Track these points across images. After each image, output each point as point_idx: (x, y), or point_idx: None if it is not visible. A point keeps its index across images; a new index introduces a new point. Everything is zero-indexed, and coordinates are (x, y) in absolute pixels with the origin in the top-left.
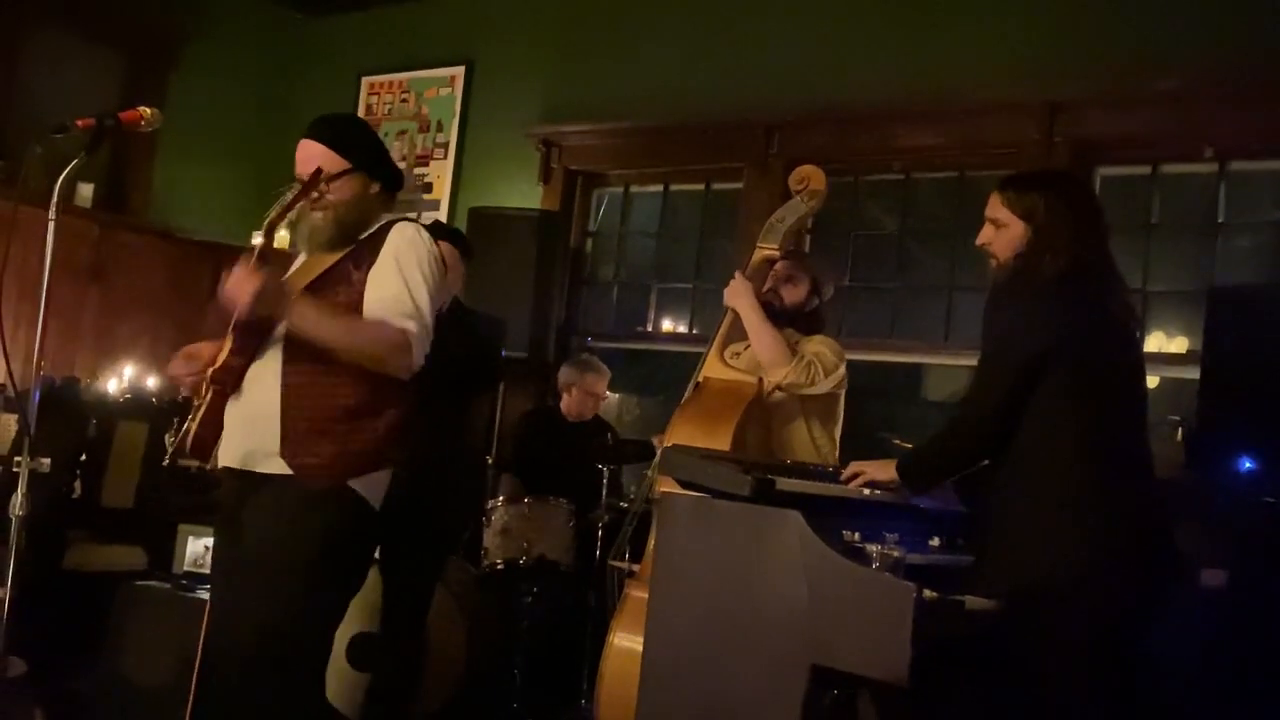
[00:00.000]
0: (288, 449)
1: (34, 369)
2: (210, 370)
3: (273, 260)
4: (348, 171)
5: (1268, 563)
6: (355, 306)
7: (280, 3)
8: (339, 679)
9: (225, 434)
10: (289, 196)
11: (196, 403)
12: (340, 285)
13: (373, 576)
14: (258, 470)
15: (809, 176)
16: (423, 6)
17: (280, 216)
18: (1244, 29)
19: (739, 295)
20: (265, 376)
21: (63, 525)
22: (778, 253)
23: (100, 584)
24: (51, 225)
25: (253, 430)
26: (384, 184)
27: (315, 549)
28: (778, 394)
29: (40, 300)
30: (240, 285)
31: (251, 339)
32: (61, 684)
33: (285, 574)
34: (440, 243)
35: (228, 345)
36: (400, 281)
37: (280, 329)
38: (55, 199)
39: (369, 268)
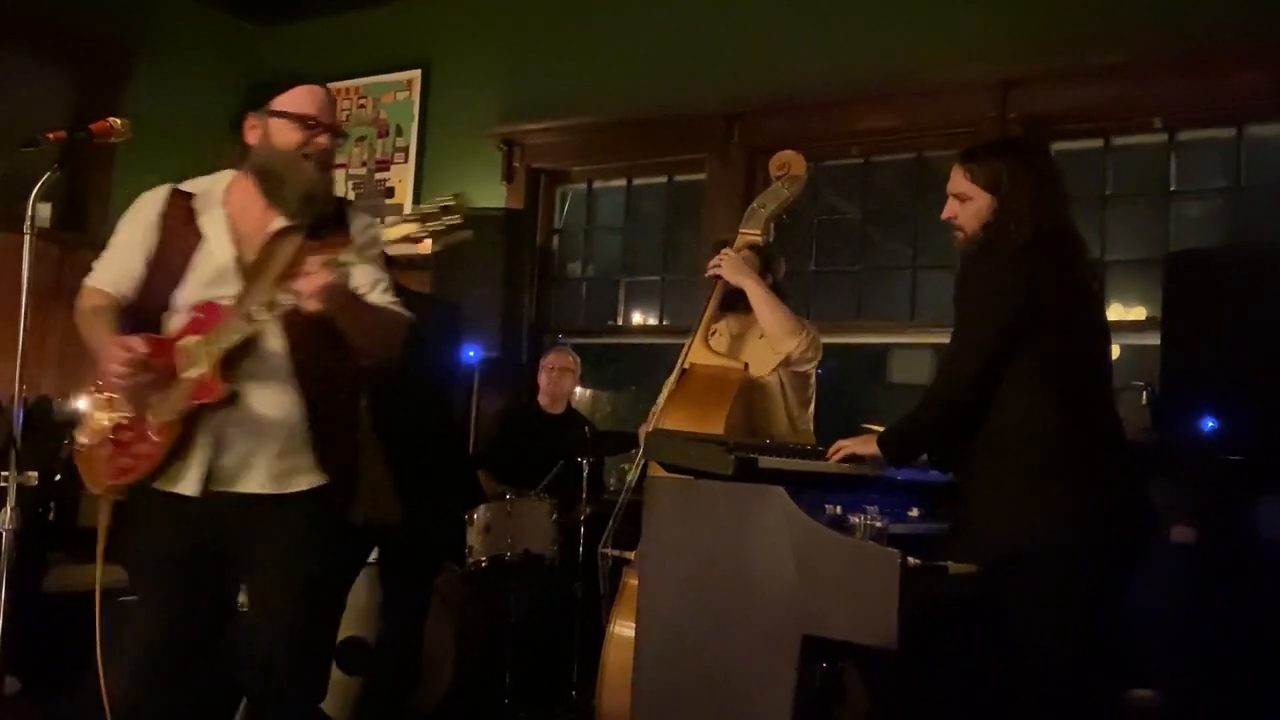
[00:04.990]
0: (325, 459)
1: (16, 386)
2: (195, 393)
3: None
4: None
5: (1232, 517)
6: None
7: (233, 13)
8: (331, 685)
9: (218, 458)
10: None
11: (112, 418)
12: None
13: (363, 580)
14: (282, 492)
15: (789, 162)
16: (377, 12)
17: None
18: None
19: (740, 270)
20: (269, 389)
21: (41, 547)
22: (760, 238)
23: (83, 603)
24: (28, 241)
25: (271, 449)
26: None
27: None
28: (778, 373)
29: (8, 322)
30: (316, 280)
31: (241, 357)
32: (53, 704)
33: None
34: None
35: (211, 367)
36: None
37: (277, 345)
38: (31, 214)
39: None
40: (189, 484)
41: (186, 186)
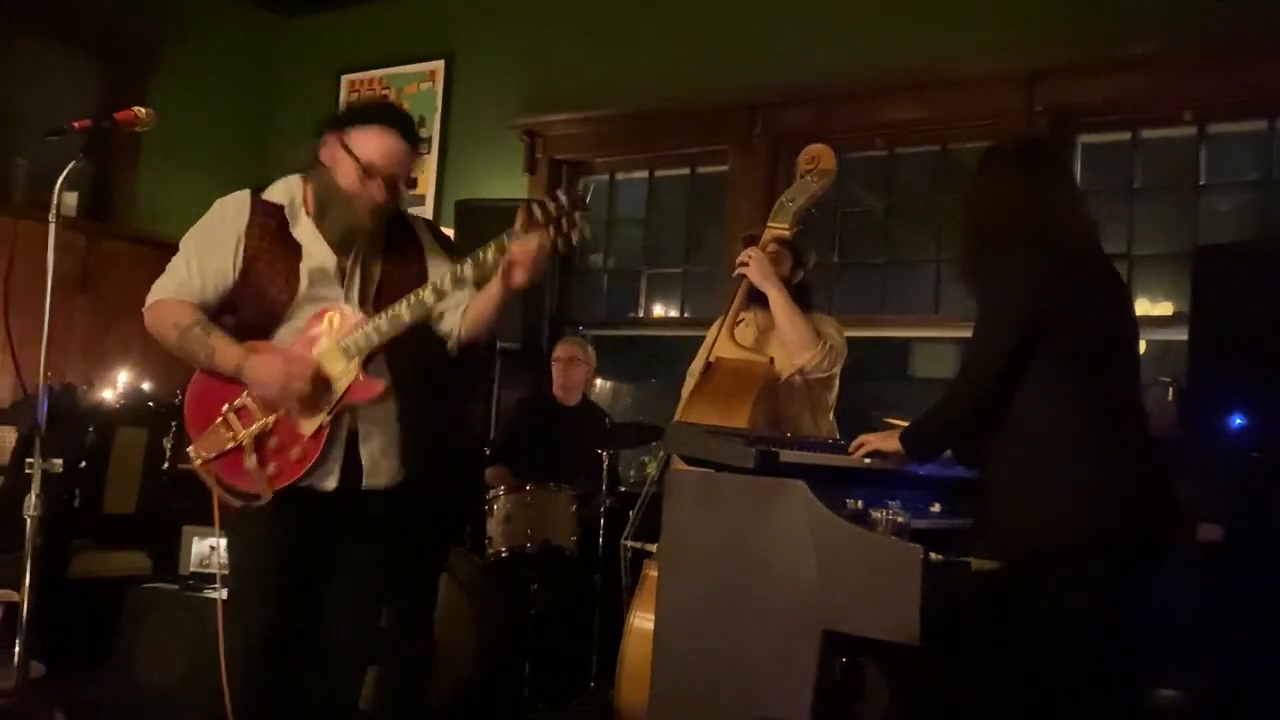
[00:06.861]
0: (408, 455)
1: (41, 374)
2: (352, 393)
3: None
4: None
5: (1261, 516)
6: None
7: (257, 4)
8: None
9: (355, 453)
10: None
11: (250, 430)
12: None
13: None
14: (376, 486)
15: (819, 156)
16: (400, 2)
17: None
18: None
19: (767, 276)
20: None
21: (66, 534)
22: (788, 232)
23: (107, 590)
24: (54, 229)
25: (380, 446)
26: None
27: None
28: (796, 377)
29: (36, 309)
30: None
31: (373, 357)
32: (77, 690)
33: None
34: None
35: (359, 367)
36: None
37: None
38: (56, 203)
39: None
40: (330, 480)
41: (268, 195)
